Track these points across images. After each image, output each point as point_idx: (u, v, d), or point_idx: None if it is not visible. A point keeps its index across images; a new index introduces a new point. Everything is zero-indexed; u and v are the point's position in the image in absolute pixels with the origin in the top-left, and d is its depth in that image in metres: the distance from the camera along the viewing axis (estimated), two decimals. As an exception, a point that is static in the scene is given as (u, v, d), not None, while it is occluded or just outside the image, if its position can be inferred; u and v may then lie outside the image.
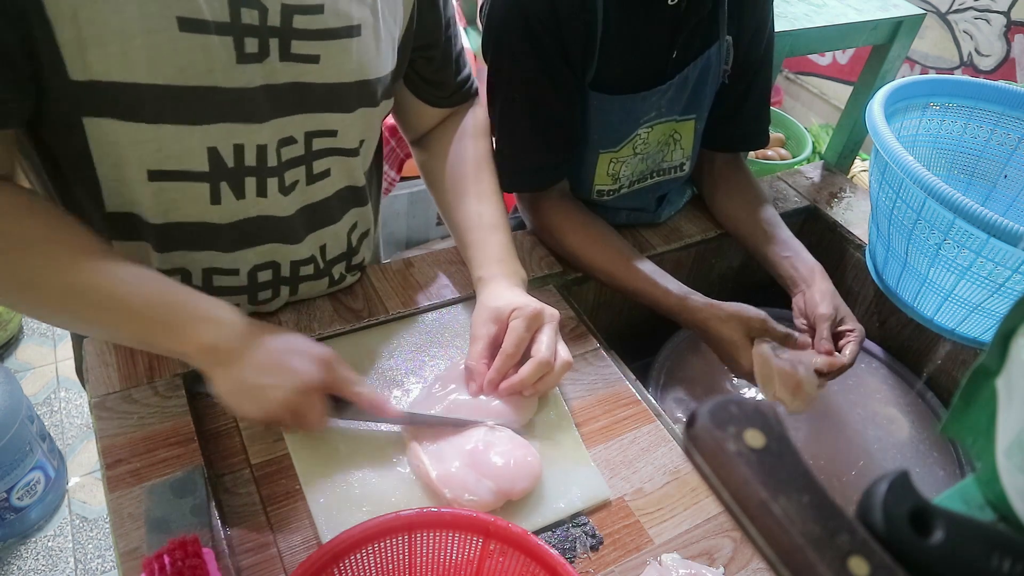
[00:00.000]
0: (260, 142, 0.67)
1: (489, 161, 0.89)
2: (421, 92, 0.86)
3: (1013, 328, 0.33)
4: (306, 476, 0.67)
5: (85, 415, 1.85)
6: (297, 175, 0.73)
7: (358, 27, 0.68)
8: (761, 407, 0.28)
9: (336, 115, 0.72)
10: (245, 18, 0.60)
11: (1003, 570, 0.26)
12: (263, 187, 0.70)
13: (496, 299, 0.75)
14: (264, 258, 0.76)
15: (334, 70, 0.68)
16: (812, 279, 0.89)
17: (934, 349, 1.02)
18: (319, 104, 0.69)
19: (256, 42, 0.61)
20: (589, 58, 0.84)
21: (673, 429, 0.77)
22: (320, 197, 0.77)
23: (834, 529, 0.25)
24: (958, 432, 0.37)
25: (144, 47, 0.56)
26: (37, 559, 1.55)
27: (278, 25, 0.62)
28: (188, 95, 0.60)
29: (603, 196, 0.98)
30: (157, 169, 0.64)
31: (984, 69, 2.29)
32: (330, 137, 0.73)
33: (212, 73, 0.60)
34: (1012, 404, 0.33)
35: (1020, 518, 0.33)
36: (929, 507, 0.27)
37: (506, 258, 0.81)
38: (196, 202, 0.68)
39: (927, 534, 0.26)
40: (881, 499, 0.26)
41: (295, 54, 0.64)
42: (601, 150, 0.92)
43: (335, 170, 0.77)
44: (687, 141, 0.99)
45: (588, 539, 0.66)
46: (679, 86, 0.90)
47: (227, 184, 0.68)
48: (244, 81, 0.62)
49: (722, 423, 0.27)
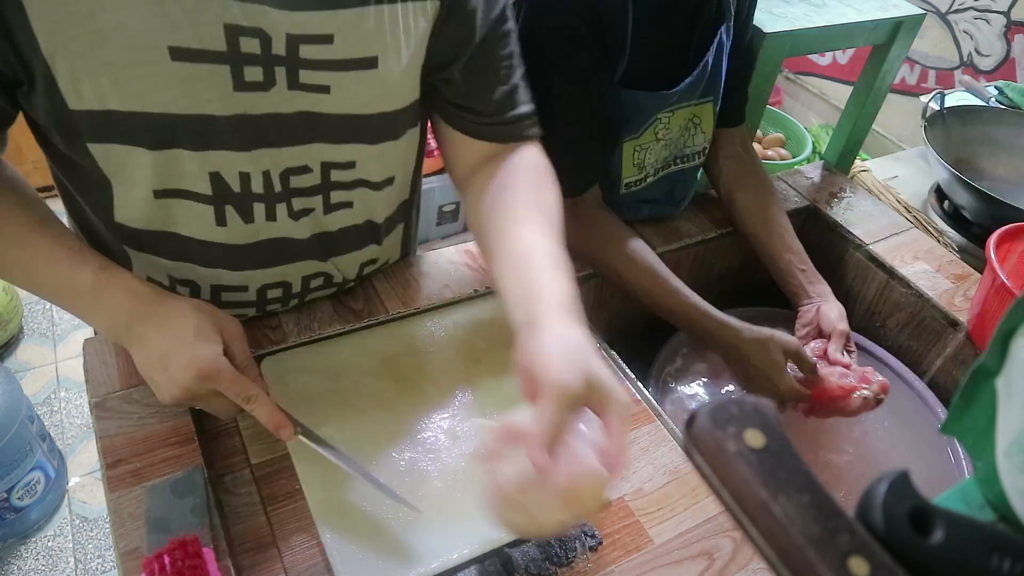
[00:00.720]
0: (265, 168, 0.66)
1: (557, 199, 0.73)
2: (452, 118, 0.75)
3: (1013, 328, 0.33)
4: (306, 476, 0.67)
5: (85, 415, 1.85)
6: (311, 203, 0.71)
7: (375, 59, 0.64)
8: (761, 407, 0.28)
9: (353, 147, 0.69)
10: (244, 47, 0.58)
11: (1003, 570, 0.26)
12: (272, 212, 0.69)
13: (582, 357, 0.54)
14: (275, 278, 0.76)
15: (348, 101, 0.66)
16: (826, 296, 0.95)
17: (934, 349, 1.02)
18: (334, 135, 0.67)
19: (260, 71, 0.60)
20: (622, 53, 0.84)
21: (673, 429, 0.77)
22: (337, 227, 0.76)
23: (834, 529, 0.25)
24: (958, 432, 0.37)
25: (136, 78, 0.56)
26: (37, 559, 1.55)
27: (283, 54, 0.60)
28: (183, 123, 0.60)
29: (632, 188, 0.98)
30: (161, 188, 0.64)
31: (984, 69, 2.29)
32: (348, 169, 0.71)
33: (209, 102, 0.59)
34: (1012, 404, 0.33)
35: (1020, 518, 0.33)
36: (929, 507, 0.27)
37: (573, 306, 0.60)
38: (202, 223, 0.68)
39: (927, 534, 0.26)
40: (881, 499, 0.26)
41: (304, 84, 0.63)
42: (624, 139, 0.92)
43: (358, 203, 0.75)
44: (707, 124, 0.99)
45: (588, 539, 0.66)
46: (700, 72, 0.91)
47: (233, 208, 0.67)
48: (242, 109, 0.61)
49: (722, 423, 0.27)
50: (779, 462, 0.26)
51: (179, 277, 0.73)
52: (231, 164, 0.64)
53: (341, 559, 0.61)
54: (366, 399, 0.74)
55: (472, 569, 0.62)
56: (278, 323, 0.81)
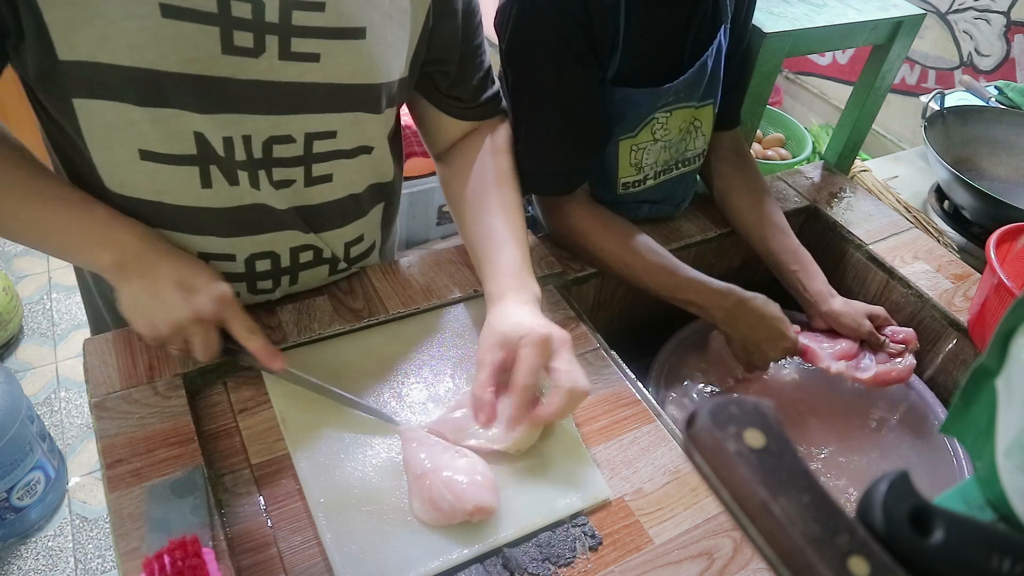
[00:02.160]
0: (245, 133, 0.67)
1: (513, 176, 0.86)
2: (441, 104, 0.84)
3: (1013, 328, 0.33)
4: (306, 476, 0.67)
5: (85, 415, 1.85)
6: (293, 175, 0.72)
7: (362, 30, 0.67)
8: (761, 407, 0.28)
9: (336, 115, 0.71)
10: (236, 11, 0.60)
11: (1003, 570, 0.26)
12: (255, 179, 0.70)
13: (503, 321, 0.71)
14: (262, 247, 0.76)
15: (336, 70, 0.68)
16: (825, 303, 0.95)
17: (934, 349, 1.02)
18: (320, 104, 0.69)
19: (251, 36, 0.61)
20: (614, 52, 0.84)
21: (673, 429, 0.77)
22: (318, 201, 0.76)
23: (834, 529, 0.25)
24: (958, 432, 0.38)
25: (125, 31, 0.57)
26: (37, 559, 1.55)
27: (276, 21, 0.62)
28: (170, 81, 0.61)
29: (629, 189, 0.98)
30: (147, 150, 0.65)
31: (984, 69, 2.29)
32: (330, 139, 0.72)
33: (196, 62, 0.61)
34: (1012, 404, 0.33)
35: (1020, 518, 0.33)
36: (929, 507, 0.27)
37: (519, 272, 0.77)
38: (187, 186, 0.68)
39: (927, 534, 0.26)
40: (881, 499, 0.26)
41: (295, 52, 0.64)
42: (620, 138, 0.92)
43: (337, 176, 0.76)
44: (707, 127, 0.99)
45: (587, 539, 0.66)
46: (698, 72, 0.91)
47: (218, 169, 0.68)
48: (229, 72, 0.62)
49: (722, 423, 0.27)
50: (779, 462, 0.26)
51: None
52: (215, 126, 0.65)
53: (341, 559, 0.61)
54: (366, 399, 0.74)
55: (472, 569, 0.62)
56: (278, 323, 0.81)
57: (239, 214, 0.72)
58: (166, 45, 0.59)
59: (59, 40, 0.57)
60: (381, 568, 0.61)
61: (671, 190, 1.03)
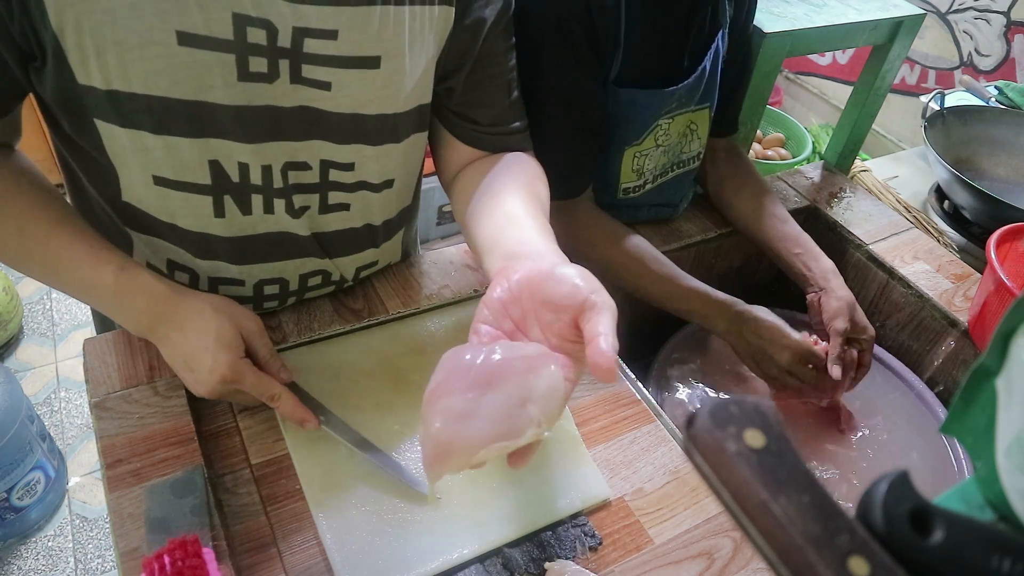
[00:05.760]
0: (264, 162, 0.66)
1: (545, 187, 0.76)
2: (454, 126, 0.78)
3: (1013, 328, 0.33)
4: (306, 476, 0.67)
5: (85, 415, 1.85)
6: (308, 201, 0.72)
7: (377, 59, 0.65)
8: (761, 407, 0.28)
9: (353, 147, 0.70)
10: (251, 37, 0.59)
11: (1003, 570, 0.26)
12: (269, 205, 0.70)
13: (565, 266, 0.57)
14: (271, 274, 0.76)
15: (348, 100, 0.66)
16: (827, 282, 0.92)
17: (934, 349, 1.02)
18: (334, 133, 0.68)
19: (264, 62, 0.61)
20: (615, 53, 0.84)
21: (673, 429, 0.77)
22: (334, 228, 0.76)
23: (834, 529, 0.25)
24: (958, 432, 0.37)
25: (141, 59, 0.57)
26: (37, 559, 1.55)
27: (288, 47, 0.61)
28: (186, 108, 0.60)
29: (629, 194, 0.98)
30: (160, 176, 0.64)
31: (984, 69, 2.29)
32: (347, 171, 0.71)
33: (212, 89, 0.60)
34: (1012, 404, 0.33)
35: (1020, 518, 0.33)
36: (929, 507, 0.27)
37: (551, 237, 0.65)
38: (199, 213, 0.68)
39: (927, 534, 0.26)
40: (881, 499, 0.26)
41: (306, 78, 0.63)
42: (626, 146, 0.92)
43: (356, 206, 0.75)
44: (703, 130, 0.99)
45: (587, 539, 0.66)
46: (698, 76, 0.91)
47: (231, 198, 0.67)
48: (245, 99, 0.62)
49: (722, 423, 0.27)
50: (779, 462, 0.26)
51: (179, 263, 0.73)
52: (231, 153, 0.64)
53: (341, 559, 0.61)
54: (366, 399, 0.74)
55: (472, 569, 0.62)
56: (278, 323, 0.81)
57: (250, 243, 0.72)
58: (181, 73, 0.58)
59: (76, 66, 0.56)
60: (381, 568, 0.61)
61: (668, 192, 1.03)
